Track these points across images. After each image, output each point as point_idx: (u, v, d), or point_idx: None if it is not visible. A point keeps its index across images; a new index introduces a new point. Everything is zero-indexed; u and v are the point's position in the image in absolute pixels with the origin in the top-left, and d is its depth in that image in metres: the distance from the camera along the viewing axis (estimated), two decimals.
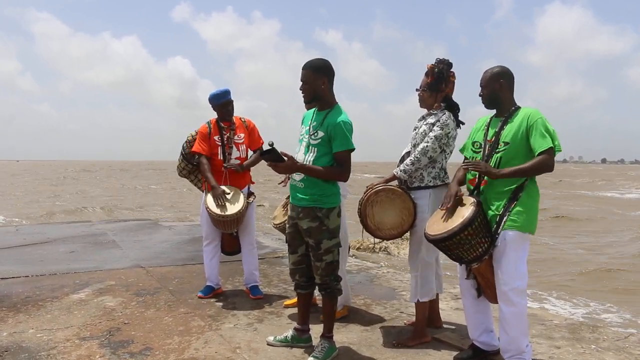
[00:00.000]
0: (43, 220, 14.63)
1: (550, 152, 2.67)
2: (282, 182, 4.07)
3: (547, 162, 2.67)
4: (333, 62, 3.03)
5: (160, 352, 3.15)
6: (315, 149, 2.98)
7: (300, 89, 3.03)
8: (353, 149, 2.97)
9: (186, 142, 4.36)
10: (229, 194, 4.14)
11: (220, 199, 4.07)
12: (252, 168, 4.38)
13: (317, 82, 2.97)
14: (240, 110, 4.36)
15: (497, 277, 2.75)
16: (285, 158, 2.87)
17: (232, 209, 4.05)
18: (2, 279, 5.00)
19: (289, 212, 3.19)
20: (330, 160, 2.98)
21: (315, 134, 2.99)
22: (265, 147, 2.98)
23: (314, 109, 3.11)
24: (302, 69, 2.99)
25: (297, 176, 3.03)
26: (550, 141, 2.67)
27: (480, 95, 2.92)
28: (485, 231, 2.71)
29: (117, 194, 28.27)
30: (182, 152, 4.38)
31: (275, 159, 2.86)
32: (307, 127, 3.07)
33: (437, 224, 2.79)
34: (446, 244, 2.71)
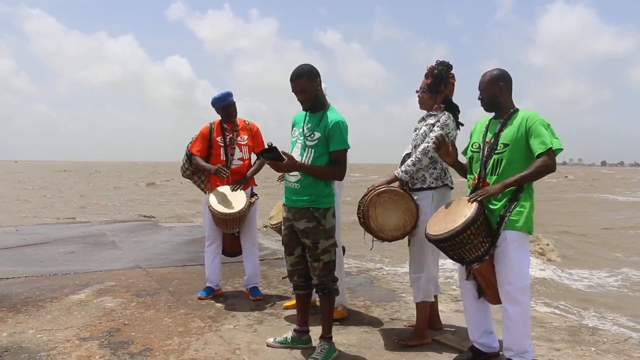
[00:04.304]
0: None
1: (550, 153, 2.67)
2: (279, 179, 4.07)
3: (547, 164, 2.67)
4: (332, 63, 3.06)
5: (160, 353, 3.15)
6: (313, 150, 3.00)
7: (300, 99, 3.03)
8: (348, 148, 3.01)
9: (191, 142, 4.38)
10: (232, 188, 4.16)
11: (222, 171, 4.09)
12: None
13: (314, 86, 3.00)
14: (239, 112, 4.38)
15: (500, 277, 2.76)
16: (285, 157, 2.88)
17: (234, 207, 4.07)
18: (1, 279, 4.99)
19: (283, 214, 3.20)
20: (327, 160, 3.00)
21: (312, 135, 3.00)
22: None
23: (303, 108, 3.13)
24: (295, 79, 2.97)
25: (293, 177, 3.04)
26: (549, 142, 2.67)
27: (479, 99, 2.93)
28: (486, 231, 2.72)
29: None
30: (186, 153, 4.41)
31: (275, 157, 2.87)
32: (301, 129, 3.08)
33: (438, 224, 2.79)
34: (448, 243, 2.70)
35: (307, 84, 2.97)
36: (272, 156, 2.88)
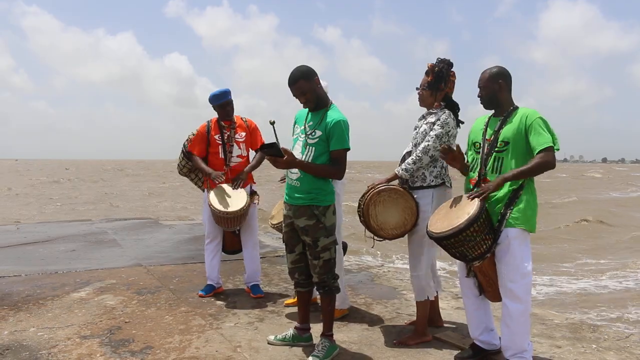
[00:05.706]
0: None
1: (550, 150, 2.68)
2: (282, 179, 4.08)
3: (548, 160, 2.67)
4: (332, 59, 3.06)
5: (161, 350, 3.15)
6: (313, 148, 2.99)
7: (303, 102, 3.03)
8: (349, 149, 3.00)
9: (187, 140, 4.38)
10: (232, 186, 4.17)
11: (219, 178, 4.13)
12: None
13: (313, 86, 2.99)
14: (239, 109, 4.40)
15: (501, 275, 2.75)
16: (285, 154, 2.88)
17: (235, 205, 4.06)
18: (3, 277, 5.00)
19: (284, 212, 3.19)
20: (328, 158, 3.00)
21: (313, 133, 3.00)
22: (267, 139, 2.99)
23: (307, 108, 3.12)
24: (293, 84, 2.97)
25: (293, 175, 3.04)
26: (549, 139, 2.68)
27: (479, 96, 2.93)
28: (488, 228, 2.71)
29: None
30: (182, 150, 4.40)
31: (275, 153, 2.87)
32: (303, 127, 3.08)
33: (440, 222, 2.78)
34: (451, 241, 2.69)
35: (305, 85, 2.96)
36: (271, 152, 2.88)
